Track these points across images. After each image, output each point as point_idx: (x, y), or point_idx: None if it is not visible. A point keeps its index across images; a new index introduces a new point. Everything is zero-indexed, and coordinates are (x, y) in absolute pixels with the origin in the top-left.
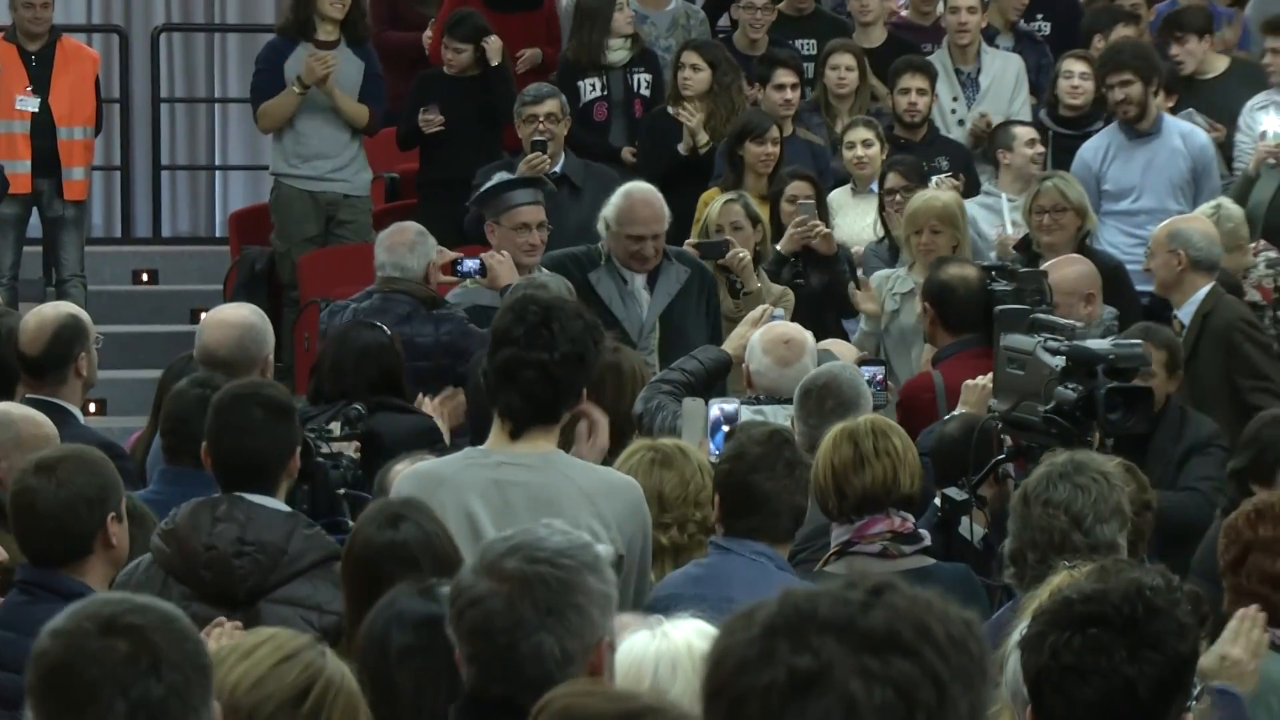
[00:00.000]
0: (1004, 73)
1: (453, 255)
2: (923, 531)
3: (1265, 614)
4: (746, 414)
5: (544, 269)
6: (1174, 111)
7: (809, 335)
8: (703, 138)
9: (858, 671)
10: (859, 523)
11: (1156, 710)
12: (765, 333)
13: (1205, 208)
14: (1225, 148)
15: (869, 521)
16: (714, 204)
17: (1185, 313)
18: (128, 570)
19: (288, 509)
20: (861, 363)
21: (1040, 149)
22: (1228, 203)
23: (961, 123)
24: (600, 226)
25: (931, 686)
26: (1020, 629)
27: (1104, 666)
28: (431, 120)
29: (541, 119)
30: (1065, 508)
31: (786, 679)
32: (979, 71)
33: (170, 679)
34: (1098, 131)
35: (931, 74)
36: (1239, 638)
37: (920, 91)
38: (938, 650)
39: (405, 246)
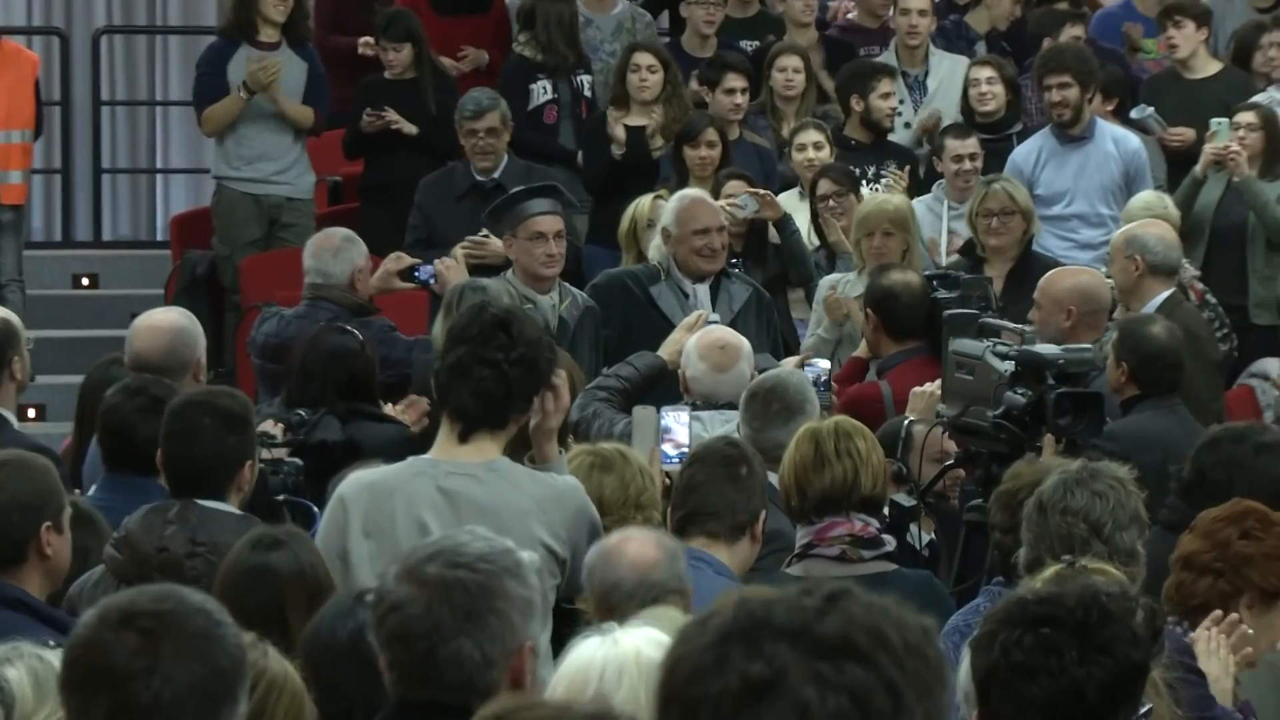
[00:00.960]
0: (952, 76)
1: (410, 261)
2: (886, 537)
3: (1230, 625)
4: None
5: (598, 287)
6: (1117, 114)
7: (746, 341)
8: (658, 141)
9: (812, 678)
10: (819, 525)
11: (1104, 716)
12: (701, 338)
13: (1141, 201)
14: (1193, 150)
15: (829, 524)
16: (642, 200)
17: None
18: (80, 581)
19: (240, 512)
20: (805, 362)
21: (969, 165)
22: (1170, 202)
23: (908, 125)
24: (657, 240)
25: (886, 694)
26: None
27: (1053, 666)
28: (374, 121)
29: (482, 134)
30: (1084, 515)
31: (740, 686)
32: (926, 74)
33: (177, 676)
34: (1017, 133)
35: (895, 77)
36: (1210, 657)
37: (890, 94)
38: (893, 657)
39: (330, 252)
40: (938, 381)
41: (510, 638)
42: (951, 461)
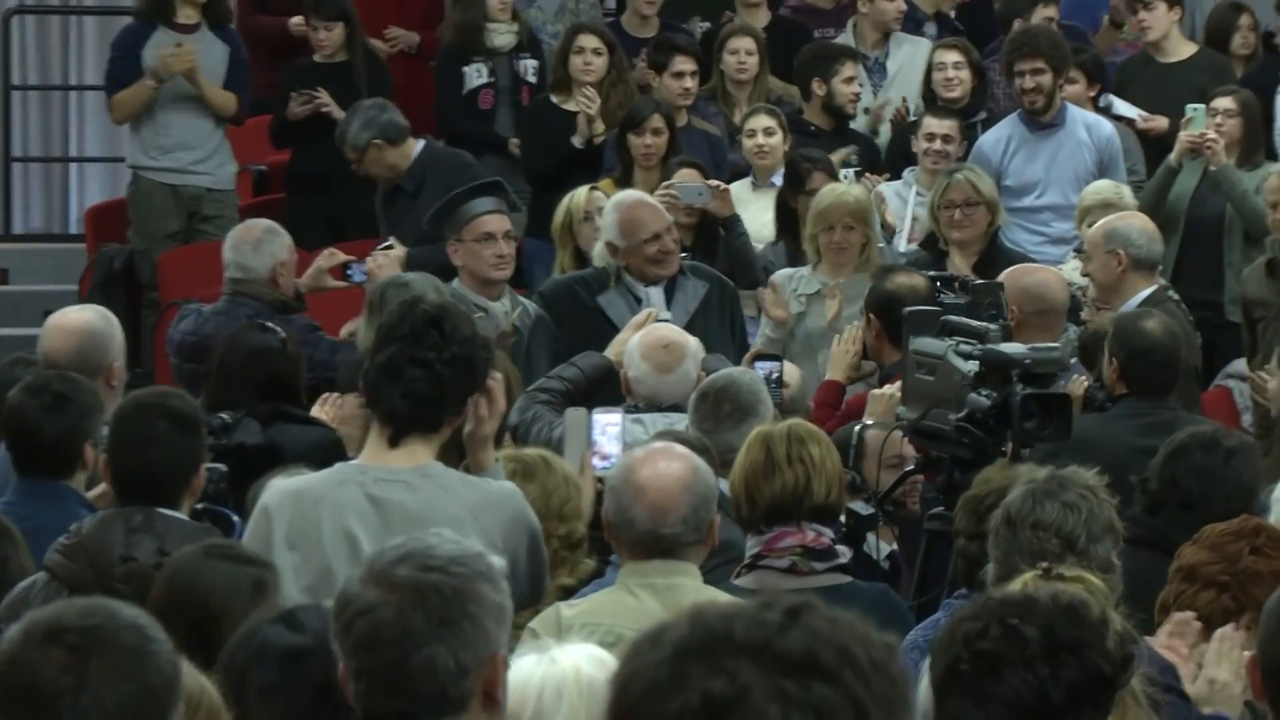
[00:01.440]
0: (912, 59)
1: (344, 258)
2: (840, 548)
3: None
4: (627, 424)
5: (544, 296)
6: (1095, 102)
7: (692, 340)
8: (599, 127)
9: (776, 697)
10: (768, 535)
11: None
12: (644, 337)
13: (1095, 190)
14: (1168, 138)
15: (778, 534)
16: (578, 192)
17: None
18: (23, 587)
19: (197, 523)
20: (757, 358)
21: (939, 145)
22: (1127, 191)
23: (866, 110)
24: (602, 254)
25: (853, 712)
26: None
27: (1018, 658)
28: (304, 103)
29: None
30: (1056, 529)
31: (701, 704)
32: (886, 57)
33: (106, 696)
34: (982, 121)
35: (858, 61)
36: (1221, 660)
37: (853, 79)
38: (859, 675)
39: (249, 245)
40: (897, 384)
41: (484, 646)
42: (912, 467)
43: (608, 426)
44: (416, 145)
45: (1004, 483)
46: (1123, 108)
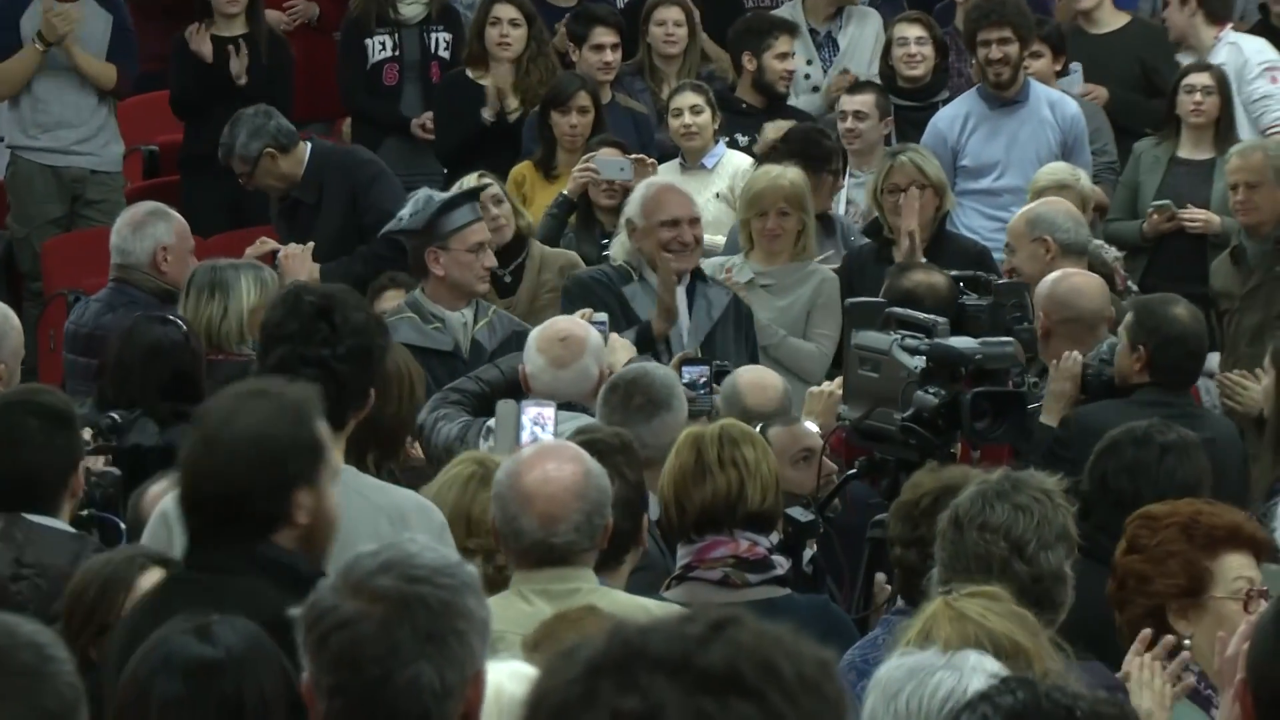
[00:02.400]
0: (863, 32)
1: (274, 246)
2: (777, 559)
3: (1165, 650)
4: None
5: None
6: (1060, 76)
7: (593, 334)
8: (512, 102)
9: (693, 714)
10: (699, 544)
11: None
12: (542, 330)
13: (1050, 173)
14: (1112, 111)
15: (710, 543)
16: (466, 179)
17: None
18: None
19: (74, 530)
20: (685, 362)
21: (851, 123)
22: (1084, 175)
23: (816, 89)
24: (621, 236)
25: None
26: (892, 661)
27: None
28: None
29: (240, 176)
30: (1005, 532)
31: None
32: (839, 31)
33: None
34: (943, 101)
35: (795, 35)
36: (1142, 689)
37: (787, 54)
38: (785, 692)
39: (130, 228)
40: (837, 381)
41: (469, 664)
42: (853, 470)
43: (540, 417)
44: (305, 149)
45: (936, 486)
46: (1077, 84)
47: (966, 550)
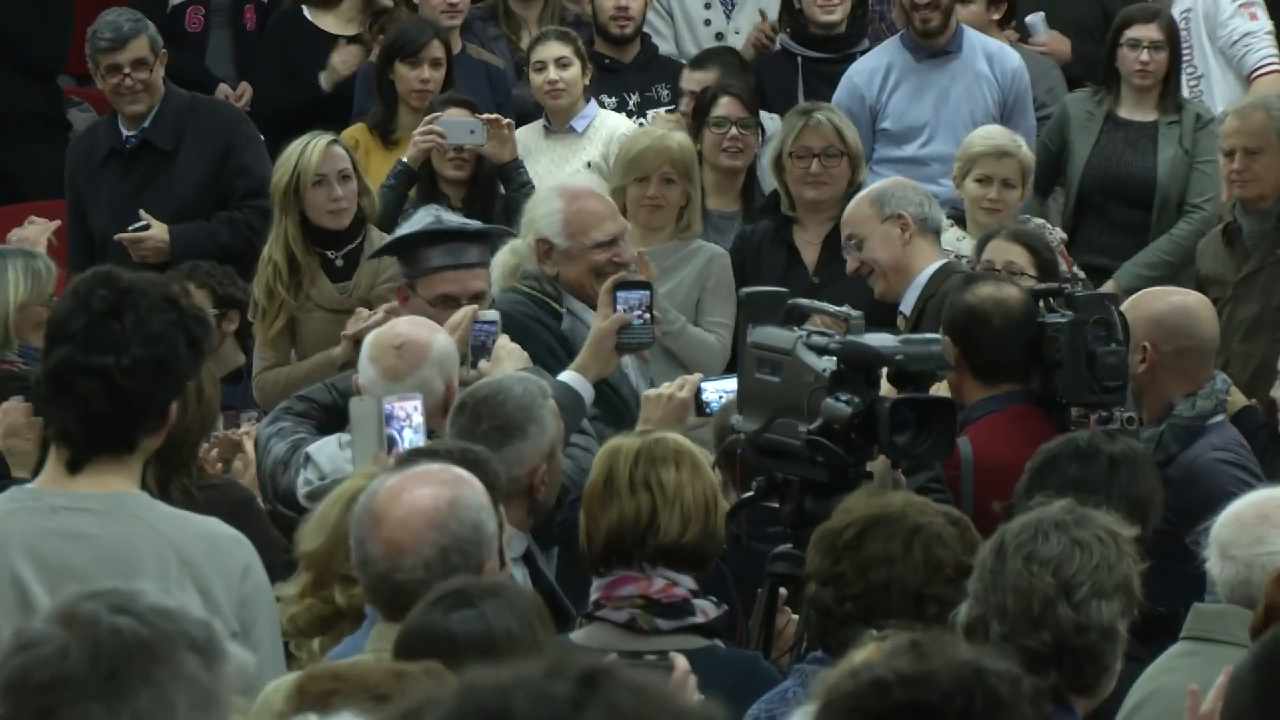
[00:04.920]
0: None
1: (44, 226)
2: (701, 604)
3: None
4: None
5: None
6: (1003, 26)
7: (438, 340)
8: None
9: None
10: (609, 578)
11: None
12: (379, 333)
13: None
14: (1072, 66)
15: (619, 579)
16: (312, 145)
17: (909, 299)
18: None
19: None
20: (620, 285)
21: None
22: (1024, 143)
23: (720, 36)
24: (506, 255)
25: None
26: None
27: None
28: None
29: (127, 69)
30: (1055, 568)
31: None
32: None
33: None
34: (861, 52)
35: None
36: None
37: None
38: None
39: None
40: (685, 380)
41: None
42: (750, 494)
43: (406, 416)
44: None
45: (868, 514)
46: (1041, 31)
47: (1005, 582)
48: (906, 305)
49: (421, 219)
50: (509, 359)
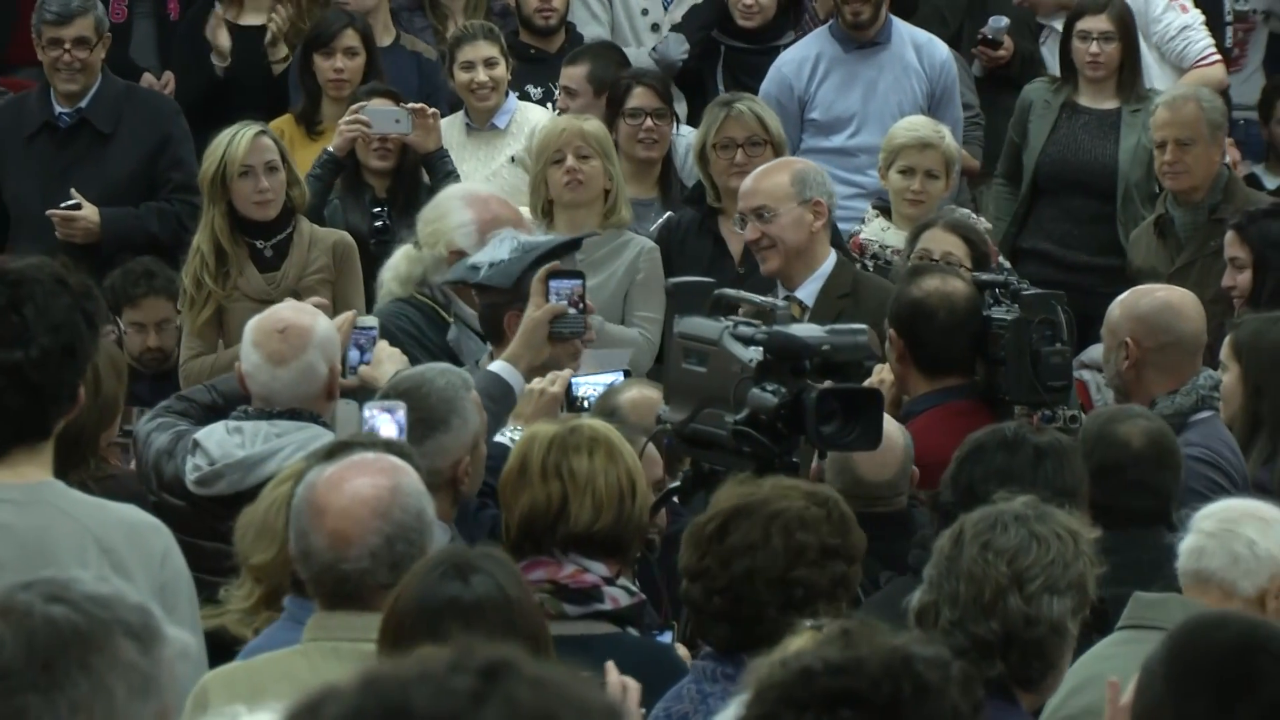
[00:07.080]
0: None
1: None
2: (612, 591)
3: None
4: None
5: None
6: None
7: (321, 324)
8: (281, 50)
9: None
10: (521, 564)
11: None
12: (259, 321)
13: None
14: (1029, 64)
15: (529, 564)
16: (239, 135)
17: (809, 290)
18: None
19: None
20: (553, 275)
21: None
22: (949, 133)
23: (656, 27)
24: (399, 260)
25: None
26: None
27: None
28: None
29: (68, 44)
30: (1010, 558)
31: None
32: None
33: None
34: (788, 44)
35: None
36: None
37: None
38: None
39: None
40: (563, 373)
41: (102, 715)
42: (675, 485)
43: (394, 419)
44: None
45: (728, 506)
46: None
47: (960, 569)
48: (805, 294)
49: (508, 243)
50: (389, 361)
